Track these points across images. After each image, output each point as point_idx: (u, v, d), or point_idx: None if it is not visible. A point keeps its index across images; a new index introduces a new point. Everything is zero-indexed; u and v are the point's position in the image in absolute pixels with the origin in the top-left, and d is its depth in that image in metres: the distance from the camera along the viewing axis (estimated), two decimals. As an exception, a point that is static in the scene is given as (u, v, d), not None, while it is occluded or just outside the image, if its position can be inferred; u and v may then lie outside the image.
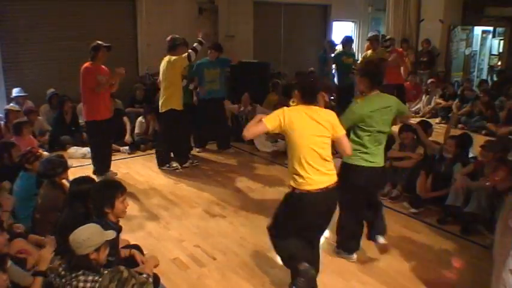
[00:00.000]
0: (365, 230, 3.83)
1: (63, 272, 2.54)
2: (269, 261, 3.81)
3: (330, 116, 3.05)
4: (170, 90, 5.81)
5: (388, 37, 9.25)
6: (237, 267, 3.71)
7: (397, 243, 4.15)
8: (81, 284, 2.45)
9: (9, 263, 2.91)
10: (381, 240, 3.75)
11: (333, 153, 3.10)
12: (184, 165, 6.13)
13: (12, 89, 7.11)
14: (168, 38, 5.88)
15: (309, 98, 3.01)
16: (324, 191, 2.97)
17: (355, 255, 3.82)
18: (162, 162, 6.17)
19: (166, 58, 5.80)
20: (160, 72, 5.89)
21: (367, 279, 3.56)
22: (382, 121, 3.46)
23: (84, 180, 3.46)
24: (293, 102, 3.10)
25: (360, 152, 3.46)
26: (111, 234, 2.65)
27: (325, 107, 3.28)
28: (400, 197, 5.11)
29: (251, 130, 2.98)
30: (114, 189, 2.98)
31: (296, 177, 2.97)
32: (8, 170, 4.34)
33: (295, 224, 3.09)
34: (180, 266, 3.74)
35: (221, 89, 6.69)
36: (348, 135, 3.26)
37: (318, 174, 2.96)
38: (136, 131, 7.16)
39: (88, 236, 2.48)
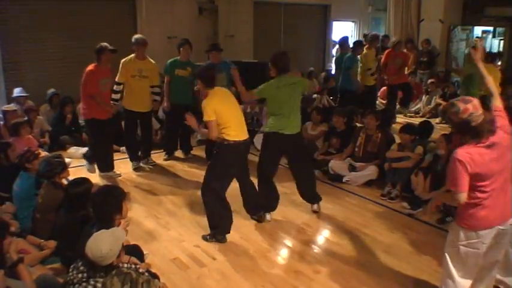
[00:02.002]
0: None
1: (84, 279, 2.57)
2: (269, 261, 3.82)
3: None
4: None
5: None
6: (237, 267, 3.71)
7: (397, 243, 4.15)
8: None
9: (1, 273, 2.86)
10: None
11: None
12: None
13: (13, 89, 7.10)
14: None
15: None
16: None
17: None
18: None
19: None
20: (150, 73, 5.90)
21: (367, 279, 3.56)
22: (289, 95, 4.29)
23: (81, 182, 3.48)
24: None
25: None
26: (122, 235, 2.70)
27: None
28: (399, 197, 5.12)
29: (212, 133, 3.89)
30: (119, 195, 3.05)
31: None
32: (6, 170, 4.34)
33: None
34: (180, 266, 3.74)
35: None
36: None
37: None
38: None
39: (109, 248, 2.52)
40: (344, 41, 8.77)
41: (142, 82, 5.85)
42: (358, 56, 8.12)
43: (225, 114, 3.93)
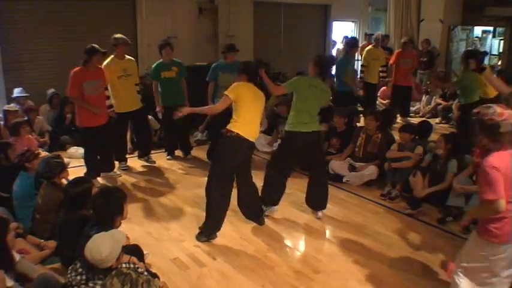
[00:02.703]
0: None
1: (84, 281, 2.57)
2: (269, 261, 3.82)
3: None
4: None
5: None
6: (237, 267, 3.71)
7: (397, 243, 4.15)
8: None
9: (18, 257, 2.94)
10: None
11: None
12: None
13: (13, 89, 7.10)
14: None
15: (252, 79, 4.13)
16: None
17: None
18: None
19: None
20: (134, 71, 5.89)
21: (367, 279, 3.56)
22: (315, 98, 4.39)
23: (81, 181, 3.48)
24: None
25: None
26: (122, 237, 2.69)
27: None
28: (399, 197, 5.11)
29: (219, 105, 4.04)
30: (121, 197, 3.05)
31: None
32: (6, 170, 4.33)
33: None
34: (180, 266, 3.74)
35: None
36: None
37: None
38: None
39: (110, 251, 2.52)
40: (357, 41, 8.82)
41: (128, 81, 5.80)
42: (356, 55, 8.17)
43: (245, 106, 4.01)
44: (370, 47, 8.58)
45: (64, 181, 4.04)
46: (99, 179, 5.61)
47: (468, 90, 6.22)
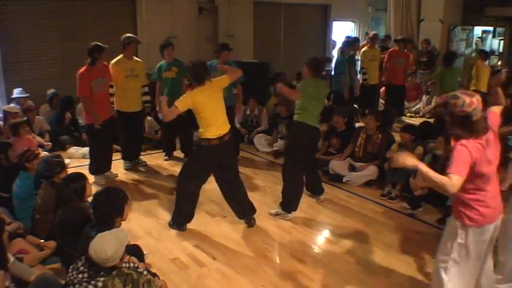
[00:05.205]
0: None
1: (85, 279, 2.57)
2: (269, 261, 3.82)
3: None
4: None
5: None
6: (237, 267, 3.72)
7: (397, 243, 4.16)
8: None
9: (12, 259, 2.93)
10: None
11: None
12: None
13: (13, 89, 7.10)
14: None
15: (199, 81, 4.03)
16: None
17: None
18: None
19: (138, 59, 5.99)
20: (140, 72, 5.89)
21: (367, 279, 3.56)
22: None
23: (77, 177, 3.49)
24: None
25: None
26: (125, 237, 2.70)
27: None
28: (399, 197, 5.12)
29: (167, 114, 4.00)
30: (122, 198, 3.05)
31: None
32: (6, 170, 4.33)
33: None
34: (180, 266, 3.74)
35: (229, 96, 5.69)
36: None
37: None
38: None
39: (114, 250, 2.52)
40: (354, 41, 8.80)
41: (135, 81, 5.82)
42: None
43: (207, 110, 3.99)
44: (365, 48, 8.57)
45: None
46: (97, 178, 5.60)
47: (444, 84, 7.04)
